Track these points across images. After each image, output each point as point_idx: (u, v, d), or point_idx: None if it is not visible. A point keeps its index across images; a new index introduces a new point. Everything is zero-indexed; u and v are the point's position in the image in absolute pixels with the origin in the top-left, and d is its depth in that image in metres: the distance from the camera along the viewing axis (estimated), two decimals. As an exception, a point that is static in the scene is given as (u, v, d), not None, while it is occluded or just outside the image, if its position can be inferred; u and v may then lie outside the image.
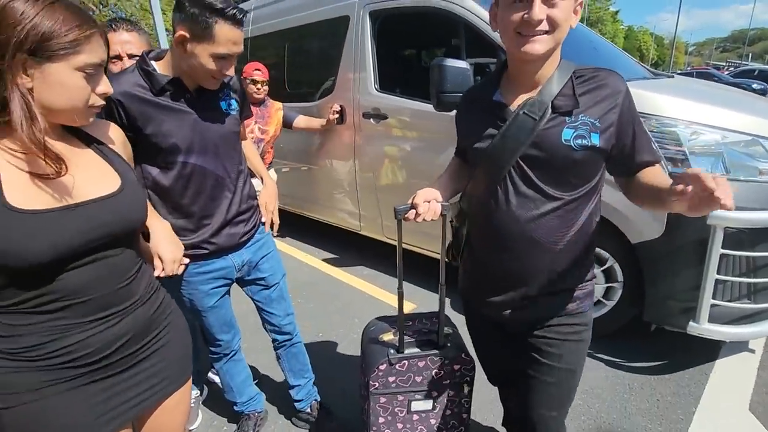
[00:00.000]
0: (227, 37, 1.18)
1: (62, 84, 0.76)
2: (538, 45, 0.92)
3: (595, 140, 0.95)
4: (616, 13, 51.84)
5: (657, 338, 2.45)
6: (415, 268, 3.07)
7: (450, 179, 1.23)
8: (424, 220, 1.10)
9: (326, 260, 3.83)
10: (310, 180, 3.89)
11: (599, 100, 0.96)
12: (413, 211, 1.10)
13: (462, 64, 2.15)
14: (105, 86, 0.84)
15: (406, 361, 1.31)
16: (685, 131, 1.93)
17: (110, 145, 0.95)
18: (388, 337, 1.37)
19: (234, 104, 1.43)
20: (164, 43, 5.85)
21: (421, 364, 1.32)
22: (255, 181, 1.68)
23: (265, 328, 1.77)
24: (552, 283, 1.07)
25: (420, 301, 2.96)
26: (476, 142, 1.06)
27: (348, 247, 4.01)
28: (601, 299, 2.32)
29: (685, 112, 1.97)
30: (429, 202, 1.10)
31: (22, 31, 0.71)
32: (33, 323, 0.79)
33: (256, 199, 1.61)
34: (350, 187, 3.46)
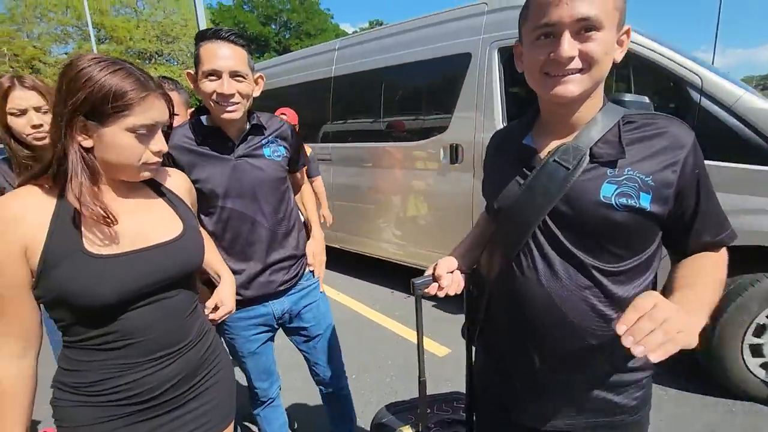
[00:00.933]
0: (210, 52, 1.18)
1: (114, 144, 0.78)
2: (571, 86, 0.71)
3: (645, 202, 0.70)
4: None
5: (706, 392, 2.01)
6: (446, 298, 2.80)
7: (474, 243, 1.02)
8: (447, 295, 0.90)
9: (358, 299, 3.62)
10: (412, 223, 3.41)
11: (654, 152, 0.72)
12: (435, 284, 0.90)
13: (643, 99, 1.85)
14: (160, 145, 0.84)
15: (429, 465, 1.07)
16: None
17: (176, 191, 0.97)
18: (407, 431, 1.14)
19: (281, 150, 1.39)
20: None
21: (447, 466, 1.08)
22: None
23: (312, 379, 1.63)
24: (594, 383, 0.79)
25: (455, 343, 2.69)
26: (497, 194, 0.85)
27: (382, 285, 3.81)
28: None
29: None
30: (452, 272, 0.91)
31: (79, 98, 0.74)
32: (96, 360, 0.80)
33: (304, 248, 1.51)
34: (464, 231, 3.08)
